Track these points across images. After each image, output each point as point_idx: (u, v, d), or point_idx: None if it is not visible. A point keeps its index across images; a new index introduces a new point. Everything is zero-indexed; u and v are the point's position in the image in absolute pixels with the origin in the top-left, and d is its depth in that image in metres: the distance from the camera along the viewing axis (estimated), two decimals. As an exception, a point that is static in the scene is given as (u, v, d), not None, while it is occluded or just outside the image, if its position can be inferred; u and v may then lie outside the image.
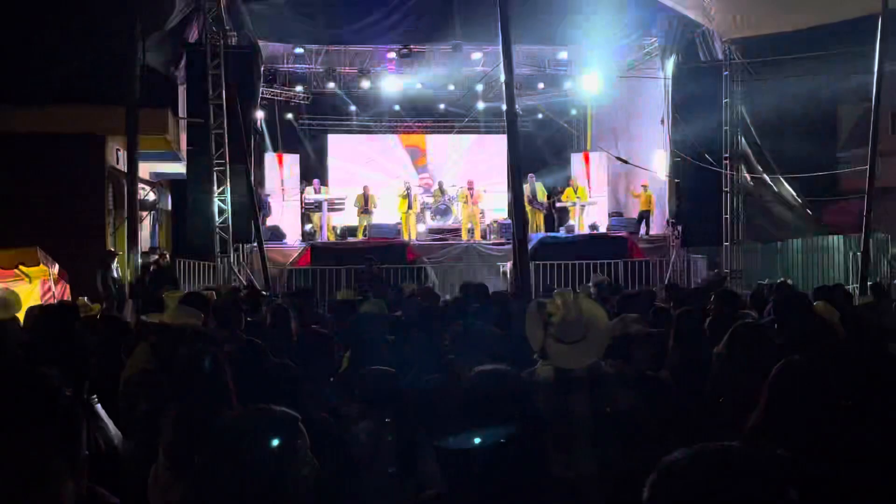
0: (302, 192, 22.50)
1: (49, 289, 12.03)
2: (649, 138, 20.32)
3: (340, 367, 5.18)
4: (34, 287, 12.14)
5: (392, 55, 21.81)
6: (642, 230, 20.69)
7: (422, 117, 25.12)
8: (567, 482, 3.38)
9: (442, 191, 23.62)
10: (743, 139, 18.20)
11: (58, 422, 1.57)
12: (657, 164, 19.63)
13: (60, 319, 5.22)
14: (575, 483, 3.42)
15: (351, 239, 21.37)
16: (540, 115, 25.20)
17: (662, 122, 19.10)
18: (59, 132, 14.15)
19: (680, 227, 18.79)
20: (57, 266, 12.31)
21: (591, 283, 13.83)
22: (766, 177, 17.81)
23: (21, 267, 11.78)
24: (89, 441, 1.70)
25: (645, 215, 20.77)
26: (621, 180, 23.00)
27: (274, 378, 4.28)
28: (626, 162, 18.42)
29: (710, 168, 17.56)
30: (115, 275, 13.79)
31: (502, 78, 11.84)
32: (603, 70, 21.57)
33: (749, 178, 18.19)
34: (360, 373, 4.65)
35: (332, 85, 22.90)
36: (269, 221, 21.00)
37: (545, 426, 2.68)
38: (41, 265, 11.88)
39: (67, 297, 11.37)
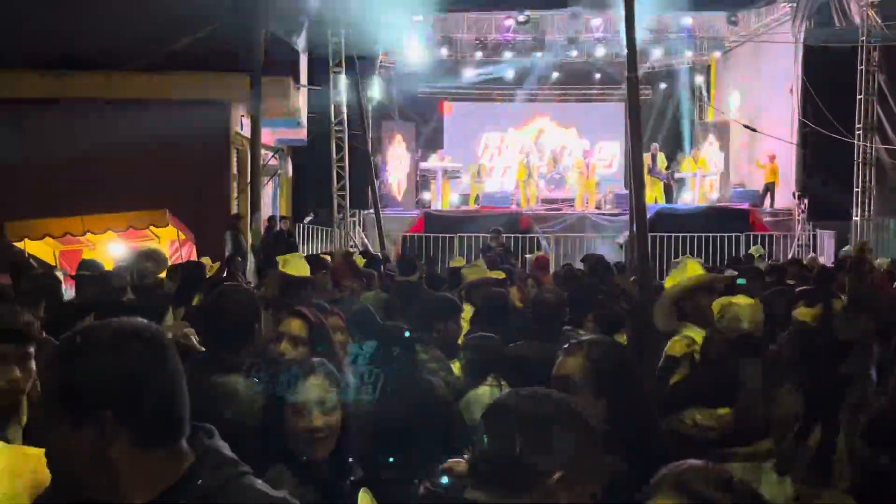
0: (420, 160, 22.68)
1: (177, 249, 12.57)
2: (776, 107, 19.47)
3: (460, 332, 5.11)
4: (163, 248, 12.71)
5: (509, 22, 21.60)
6: (766, 203, 19.93)
7: (540, 85, 24.76)
8: None
9: (555, 160, 23.36)
10: (879, 108, 17.22)
11: None
12: (785, 134, 18.82)
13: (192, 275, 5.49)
14: None
15: (463, 207, 21.44)
16: (662, 84, 24.50)
17: (791, 91, 18.28)
18: (187, 99, 14.66)
19: (806, 201, 18.00)
20: (184, 227, 12.86)
21: (752, 253, 13.29)
22: (903, 148, 16.84)
23: (152, 228, 12.36)
24: None
25: (770, 187, 19.93)
26: (744, 151, 22.18)
27: (384, 340, 4.32)
28: (754, 130, 17.67)
29: (842, 139, 16.71)
30: (241, 238, 14.30)
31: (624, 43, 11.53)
32: (729, 36, 20.77)
33: (884, 150, 17.22)
34: (466, 338, 4.66)
35: (448, 53, 22.87)
36: (385, 189, 21.29)
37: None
38: (170, 226, 12.42)
39: (193, 257, 11.83)
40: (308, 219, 18.33)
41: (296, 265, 5.53)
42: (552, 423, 1.73)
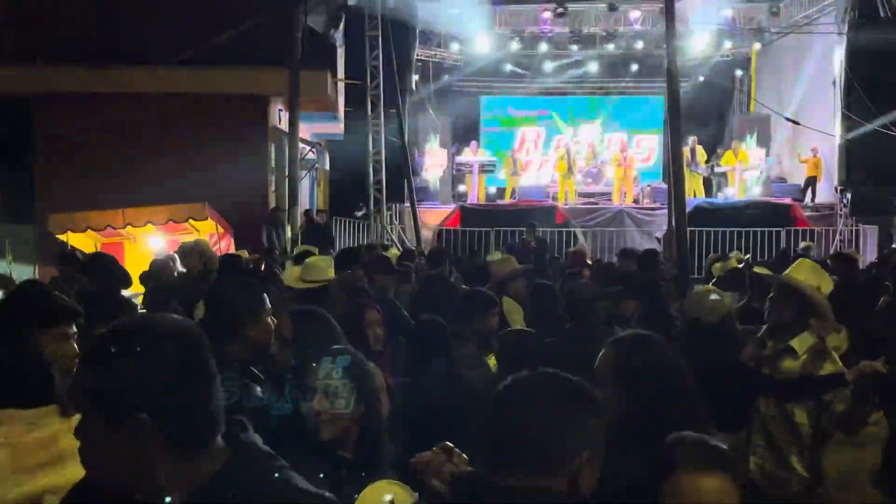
0: (456, 153, 22.66)
1: (215, 242, 12.69)
2: (819, 100, 19.14)
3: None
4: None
5: (546, 14, 21.48)
6: (808, 197, 19.60)
7: (577, 79, 24.61)
8: None
9: (594, 154, 23.20)
10: (926, 101, 16.84)
11: None
12: (827, 127, 18.50)
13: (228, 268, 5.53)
14: None
15: (499, 201, 21.39)
16: (701, 76, 24.21)
17: (834, 83, 17.96)
18: (226, 93, 14.82)
19: (849, 195, 17.67)
20: (223, 221, 12.98)
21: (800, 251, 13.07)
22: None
23: (191, 221, 12.49)
24: None
25: (812, 182, 19.60)
26: (786, 144, 21.84)
27: (419, 334, 4.32)
28: (796, 123, 17.36)
29: (886, 132, 16.38)
30: (281, 231, 14.43)
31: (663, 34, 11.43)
32: (770, 28, 20.44)
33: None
34: (500, 333, 4.64)
35: (485, 46, 22.80)
36: (421, 182, 21.31)
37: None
38: (209, 219, 12.55)
39: (232, 250, 11.94)
40: (360, 213, 18.46)
41: (316, 261, 5.53)
42: (576, 403, 1.78)
